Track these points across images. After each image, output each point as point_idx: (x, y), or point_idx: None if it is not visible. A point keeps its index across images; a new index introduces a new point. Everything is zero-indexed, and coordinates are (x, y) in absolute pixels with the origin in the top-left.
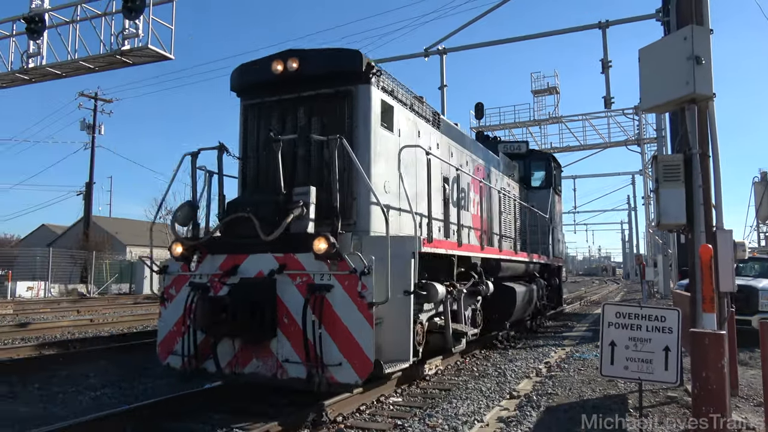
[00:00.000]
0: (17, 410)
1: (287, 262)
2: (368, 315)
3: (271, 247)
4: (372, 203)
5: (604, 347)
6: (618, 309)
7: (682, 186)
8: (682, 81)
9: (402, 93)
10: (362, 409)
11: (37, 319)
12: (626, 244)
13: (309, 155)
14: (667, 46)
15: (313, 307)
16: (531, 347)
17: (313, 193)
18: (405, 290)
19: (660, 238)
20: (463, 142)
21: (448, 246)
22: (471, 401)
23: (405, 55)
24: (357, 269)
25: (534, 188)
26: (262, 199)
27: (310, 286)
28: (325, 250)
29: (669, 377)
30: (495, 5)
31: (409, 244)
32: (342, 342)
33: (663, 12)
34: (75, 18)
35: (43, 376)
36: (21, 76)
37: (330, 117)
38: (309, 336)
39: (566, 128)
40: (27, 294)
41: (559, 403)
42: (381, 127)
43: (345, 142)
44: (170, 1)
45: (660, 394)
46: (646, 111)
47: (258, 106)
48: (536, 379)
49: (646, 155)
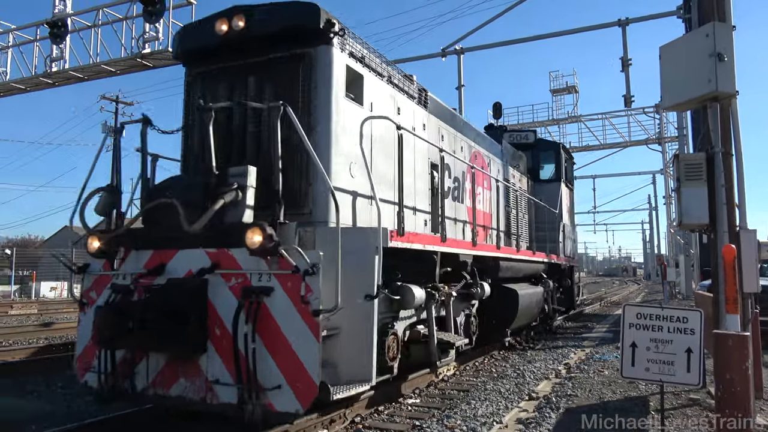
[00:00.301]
0: (42, 408)
1: (220, 259)
2: (313, 324)
3: (204, 241)
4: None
5: (624, 348)
6: (639, 310)
7: (704, 185)
8: (704, 78)
9: (377, 62)
10: (380, 409)
11: (60, 319)
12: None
13: (260, 131)
14: (688, 44)
15: (247, 315)
16: (550, 348)
17: (253, 175)
18: (367, 294)
19: (682, 238)
20: (456, 125)
21: (427, 241)
22: (490, 402)
23: (422, 56)
24: (300, 268)
25: (542, 181)
26: (191, 182)
27: (245, 289)
28: (259, 244)
29: (691, 379)
30: (513, 4)
31: (372, 237)
32: (282, 359)
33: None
34: (97, 22)
35: (67, 375)
36: (45, 80)
37: (285, 86)
38: (241, 350)
39: (586, 127)
40: (50, 294)
41: (579, 404)
42: (346, 98)
43: (289, 111)
44: (189, 4)
45: (682, 396)
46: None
47: (203, 76)
48: (555, 380)
49: (668, 154)
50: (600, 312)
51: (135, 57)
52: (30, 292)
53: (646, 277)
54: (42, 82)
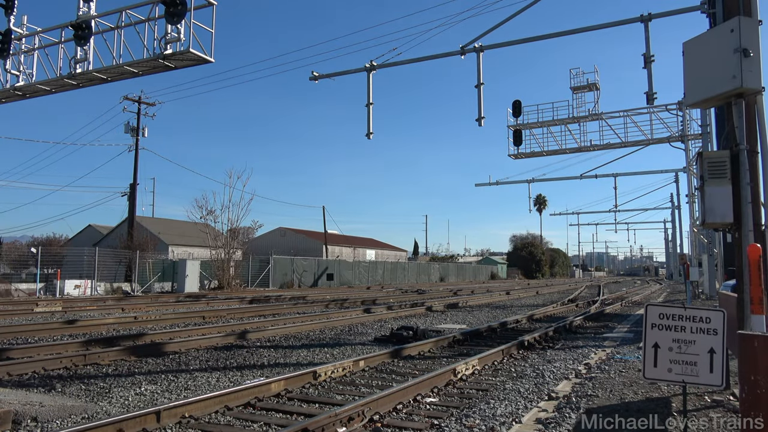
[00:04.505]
0: (64, 404)
1: None
2: None
3: None
4: None
5: (647, 349)
6: (661, 310)
7: (728, 183)
8: (729, 75)
9: None
10: (399, 408)
11: (84, 317)
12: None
13: None
14: (712, 39)
15: None
16: (570, 348)
17: None
18: None
19: (705, 238)
20: None
21: None
22: (509, 402)
23: (441, 54)
24: None
25: None
26: None
27: None
28: None
29: (714, 380)
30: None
31: None
32: None
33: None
34: (120, 24)
35: (90, 370)
36: (69, 82)
37: None
38: None
39: (607, 125)
40: (75, 292)
41: (600, 405)
42: None
43: None
44: (210, 5)
45: (705, 398)
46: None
47: None
48: (576, 380)
49: (691, 152)
50: (621, 312)
51: (157, 58)
52: (54, 289)
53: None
54: (67, 83)
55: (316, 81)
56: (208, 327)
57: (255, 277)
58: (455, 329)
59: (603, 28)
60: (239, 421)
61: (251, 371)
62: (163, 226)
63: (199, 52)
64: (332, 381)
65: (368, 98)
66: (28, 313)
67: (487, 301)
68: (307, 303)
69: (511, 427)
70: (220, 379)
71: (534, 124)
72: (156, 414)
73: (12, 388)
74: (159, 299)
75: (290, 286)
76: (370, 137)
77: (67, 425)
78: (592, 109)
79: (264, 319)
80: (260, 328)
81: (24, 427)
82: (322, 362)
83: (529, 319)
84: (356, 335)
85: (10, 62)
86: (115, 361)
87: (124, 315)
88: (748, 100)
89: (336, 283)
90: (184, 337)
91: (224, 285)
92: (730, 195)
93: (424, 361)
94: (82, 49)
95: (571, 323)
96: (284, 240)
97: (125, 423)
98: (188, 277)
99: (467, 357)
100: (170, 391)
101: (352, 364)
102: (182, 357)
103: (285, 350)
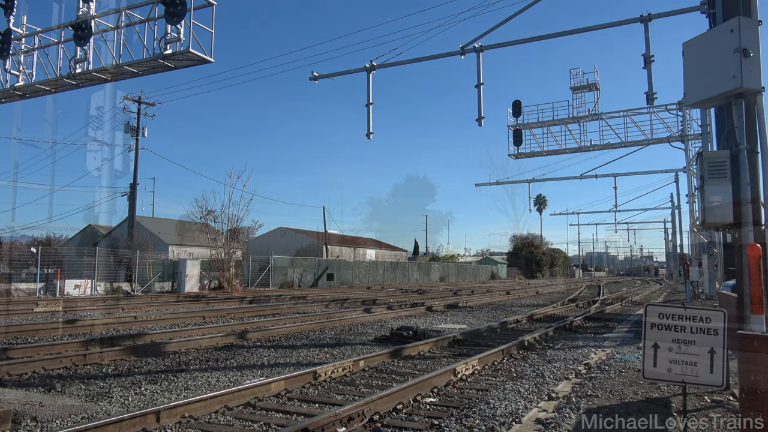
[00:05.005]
0: (64, 404)
1: None
2: None
3: None
4: None
5: (646, 349)
6: (661, 310)
7: (728, 183)
8: (729, 75)
9: None
10: (399, 408)
11: (84, 316)
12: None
13: None
14: (712, 39)
15: None
16: (570, 348)
17: None
18: None
19: (705, 238)
20: None
21: None
22: (509, 402)
23: (441, 54)
24: None
25: None
26: None
27: None
28: None
29: (714, 380)
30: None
31: None
32: None
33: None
34: (119, 24)
35: (90, 370)
36: (69, 81)
37: None
38: None
39: (607, 125)
40: (75, 292)
41: (600, 405)
42: None
43: None
44: (210, 5)
45: (705, 398)
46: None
47: None
48: (575, 380)
49: (691, 152)
50: (621, 312)
51: (157, 58)
52: (54, 289)
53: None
54: (66, 83)
55: (316, 81)
56: (208, 327)
57: (255, 277)
58: (455, 329)
59: (603, 28)
60: (239, 421)
61: (251, 371)
62: (163, 226)
63: (199, 52)
64: (332, 381)
65: (368, 98)
66: (28, 313)
67: (487, 301)
68: (307, 303)
69: (510, 428)
70: (220, 378)
71: (534, 124)
72: (156, 414)
73: (12, 388)
74: (159, 299)
75: (290, 286)
76: (370, 137)
77: (66, 425)
78: (592, 109)
79: (264, 318)
80: (260, 328)
81: (24, 426)
82: (322, 362)
83: (529, 319)
84: (356, 335)
85: (10, 62)
86: (115, 360)
87: (124, 315)
88: (748, 100)
89: (336, 283)
90: (184, 337)
91: (224, 285)
92: (730, 195)
93: (424, 361)
94: (81, 49)
95: (571, 323)
96: (284, 240)
97: (125, 423)
98: (188, 277)
99: (467, 357)
100: (170, 391)
101: (352, 364)
102: (182, 357)
103: (285, 350)
